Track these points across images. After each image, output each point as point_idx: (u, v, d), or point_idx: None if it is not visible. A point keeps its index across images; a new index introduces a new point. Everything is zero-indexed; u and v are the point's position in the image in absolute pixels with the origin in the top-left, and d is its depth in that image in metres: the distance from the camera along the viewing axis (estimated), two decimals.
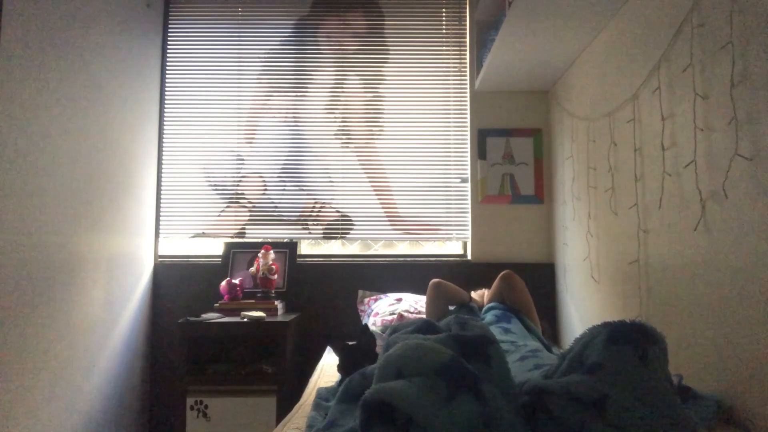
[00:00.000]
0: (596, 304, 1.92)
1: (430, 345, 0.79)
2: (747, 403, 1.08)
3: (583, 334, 0.88)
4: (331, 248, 2.61)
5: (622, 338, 0.80)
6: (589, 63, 1.98)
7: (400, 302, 2.21)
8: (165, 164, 2.56)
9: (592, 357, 0.82)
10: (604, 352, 0.80)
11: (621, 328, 0.82)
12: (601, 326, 0.85)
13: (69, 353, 1.83)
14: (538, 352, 1.30)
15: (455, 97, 2.59)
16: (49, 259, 1.73)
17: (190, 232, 2.54)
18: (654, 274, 1.48)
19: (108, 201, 2.10)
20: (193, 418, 2.01)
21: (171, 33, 2.62)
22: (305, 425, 1.20)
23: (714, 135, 1.19)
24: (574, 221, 2.15)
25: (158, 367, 2.44)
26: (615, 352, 0.79)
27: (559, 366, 0.90)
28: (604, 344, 0.81)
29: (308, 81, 2.62)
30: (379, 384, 0.73)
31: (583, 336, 0.87)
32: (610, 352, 0.80)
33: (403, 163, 2.57)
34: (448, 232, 2.54)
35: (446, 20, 2.63)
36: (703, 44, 1.23)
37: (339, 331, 2.38)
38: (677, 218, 1.35)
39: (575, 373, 0.82)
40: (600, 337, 0.83)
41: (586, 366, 0.82)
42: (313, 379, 1.77)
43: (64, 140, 1.81)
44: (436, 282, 1.94)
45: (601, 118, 1.84)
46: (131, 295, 2.27)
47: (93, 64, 1.98)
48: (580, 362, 0.83)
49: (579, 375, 0.81)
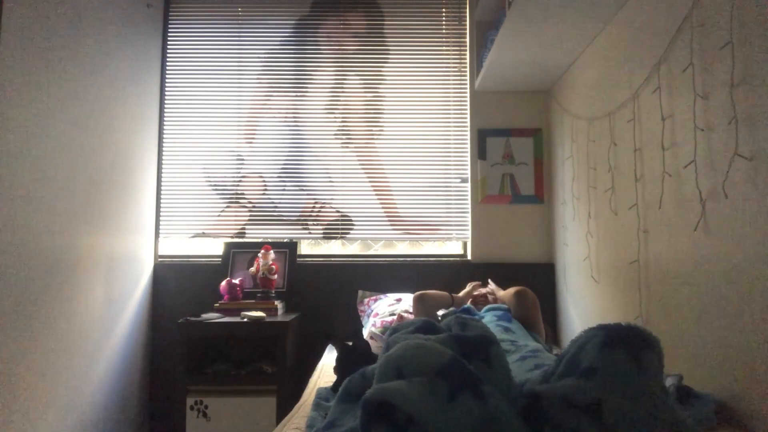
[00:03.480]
0: (596, 304, 1.92)
1: (431, 345, 0.79)
2: (747, 403, 1.08)
3: (578, 336, 0.88)
4: (331, 248, 2.61)
5: (617, 342, 0.80)
6: (589, 63, 1.98)
7: (400, 302, 2.21)
8: (165, 164, 2.56)
9: (586, 361, 0.81)
10: (599, 356, 0.80)
11: (616, 332, 0.82)
12: (597, 329, 0.85)
13: (69, 353, 1.83)
14: (539, 352, 1.30)
15: (455, 97, 2.59)
16: (49, 259, 1.73)
17: (190, 232, 2.54)
18: (654, 274, 1.48)
19: (108, 201, 2.10)
20: (193, 418, 2.01)
21: (171, 33, 2.62)
22: (305, 425, 1.20)
23: (714, 135, 1.19)
24: (574, 221, 2.15)
25: (158, 367, 2.44)
26: (610, 357, 0.79)
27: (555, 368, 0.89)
28: (599, 348, 0.81)
29: (308, 81, 2.62)
30: (380, 383, 0.73)
31: (579, 338, 0.87)
32: (604, 356, 0.79)
33: (403, 163, 2.57)
34: (448, 232, 2.54)
35: (446, 20, 2.63)
36: (703, 44, 1.23)
37: (339, 331, 2.38)
38: (677, 218, 1.35)
39: (571, 377, 0.82)
40: (595, 340, 0.83)
41: (581, 369, 0.81)
42: (313, 379, 1.78)
43: (64, 140, 1.81)
44: (419, 295, 1.97)
45: (601, 118, 1.84)
46: (131, 295, 2.27)
47: (93, 64, 1.98)
48: (576, 365, 0.83)
49: (574, 379, 0.81)
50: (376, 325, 2.12)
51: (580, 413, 0.75)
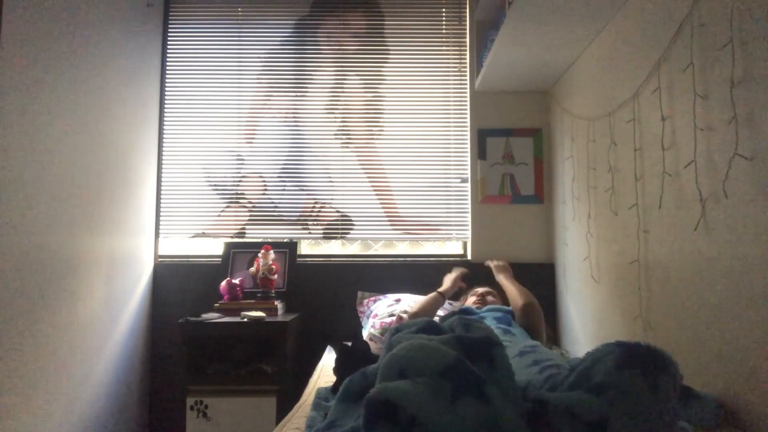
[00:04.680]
0: (596, 304, 1.92)
1: (435, 346, 0.79)
2: (747, 403, 1.09)
3: (595, 350, 0.86)
4: (331, 248, 2.61)
5: (634, 362, 0.78)
6: (589, 63, 1.98)
7: (399, 303, 2.20)
8: (165, 164, 2.56)
9: (599, 376, 0.80)
10: (613, 373, 0.78)
11: (635, 351, 0.80)
12: (614, 344, 0.83)
13: (69, 353, 1.83)
14: (537, 347, 1.31)
15: (455, 97, 2.59)
16: (49, 259, 1.73)
17: (190, 232, 2.54)
18: (654, 274, 1.48)
19: (108, 201, 2.10)
20: (193, 418, 2.01)
21: (171, 33, 2.62)
22: (305, 425, 1.20)
23: (714, 135, 1.19)
24: (574, 221, 2.15)
25: (158, 367, 2.44)
26: (623, 376, 0.77)
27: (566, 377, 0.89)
28: (615, 365, 0.79)
29: (308, 81, 2.62)
30: (384, 383, 0.73)
31: (595, 352, 0.86)
32: (619, 374, 0.77)
33: (403, 163, 2.57)
34: (448, 232, 2.55)
35: (446, 20, 2.63)
36: (703, 44, 1.23)
37: (339, 331, 2.38)
38: (677, 218, 1.35)
39: (580, 389, 0.81)
40: (611, 356, 0.81)
41: (592, 383, 0.80)
42: (313, 379, 1.78)
43: (64, 140, 1.81)
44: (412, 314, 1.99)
45: (601, 118, 1.84)
46: (131, 295, 2.27)
47: (93, 64, 1.98)
48: (588, 378, 0.82)
49: (583, 392, 0.80)
50: (375, 327, 2.11)
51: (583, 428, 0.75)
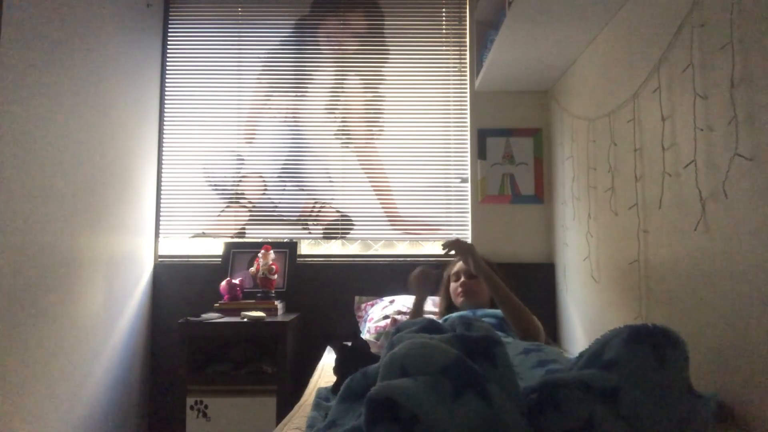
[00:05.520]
0: (596, 304, 1.92)
1: (436, 344, 0.80)
2: (747, 403, 1.09)
3: (603, 335, 0.89)
4: (331, 248, 2.61)
5: (643, 337, 0.81)
6: (589, 63, 1.98)
7: (393, 303, 2.19)
8: (165, 164, 2.56)
9: (609, 354, 0.83)
10: (623, 350, 0.81)
11: (642, 329, 0.83)
12: (623, 327, 0.87)
13: (69, 353, 1.83)
14: (542, 346, 1.30)
15: (455, 97, 2.59)
16: (49, 259, 1.73)
17: (190, 232, 2.54)
18: (654, 274, 1.48)
19: (108, 201, 2.10)
20: (193, 418, 2.01)
21: (171, 33, 2.62)
22: (305, 425, 1.20)
23: (714, 135, 1.19)
24: (574, 221, 2.15)
25: (158, 367, 2.44)
26: (633, 350, 0.80)
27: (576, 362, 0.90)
28: (624, 343, 0.82)
29: (308, 81, 2.62)
30: (385, 381, 0.73)
31: (604, 336, 0.89)
32: (628, 349, 0.80)
33: (403, 163, 2.57)
34: (448, 232, 2.55)
35: (446, 20, 2.63)
36: (703, 44, 1.23)
37: (338, 331, 2.38)
38: (677, 218, 1.35)
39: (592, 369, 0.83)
40: (620, 336, 0.84)
41: (603, 361, 0.83)
42: (313, 379, 1.77)
43: (63, 140, 1.81)
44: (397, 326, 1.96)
45: (601, 118, 1.84)
46: (131, 295, 2.27)
47: (93, 64, 1.98)
48: (599, 357, 0.85)
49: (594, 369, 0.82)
50: (370, 332, 2.10)
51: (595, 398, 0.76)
